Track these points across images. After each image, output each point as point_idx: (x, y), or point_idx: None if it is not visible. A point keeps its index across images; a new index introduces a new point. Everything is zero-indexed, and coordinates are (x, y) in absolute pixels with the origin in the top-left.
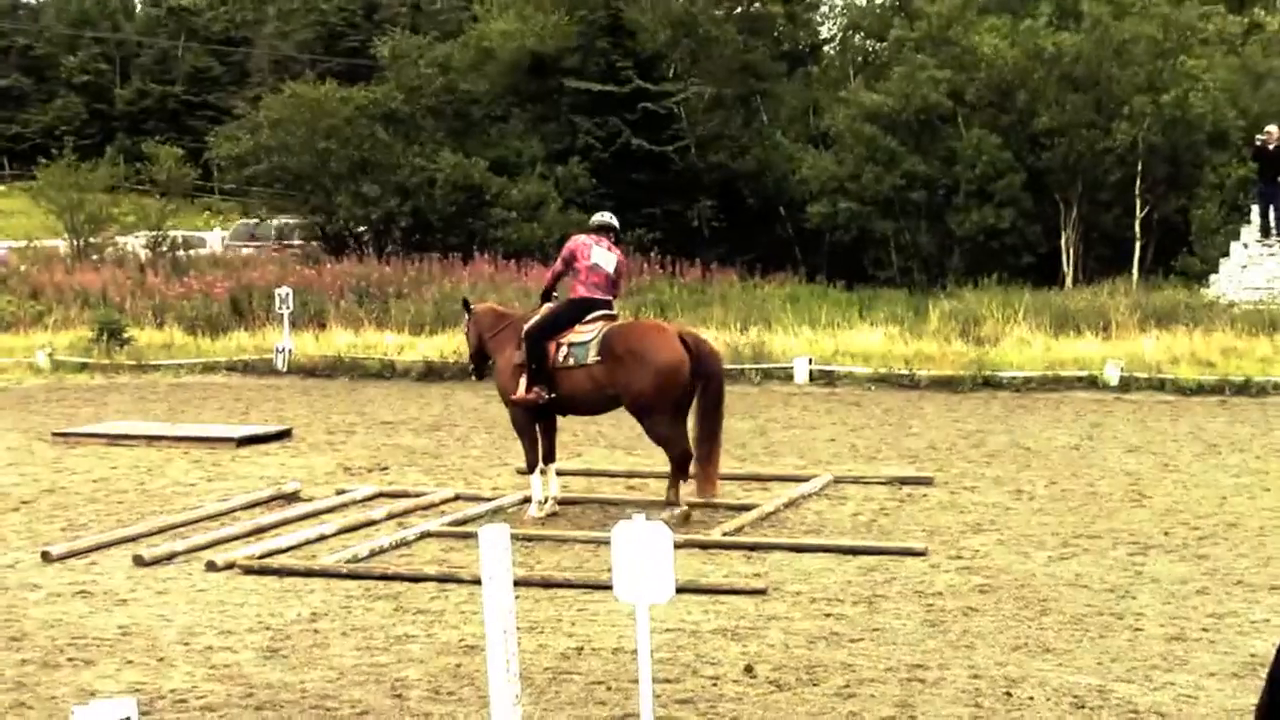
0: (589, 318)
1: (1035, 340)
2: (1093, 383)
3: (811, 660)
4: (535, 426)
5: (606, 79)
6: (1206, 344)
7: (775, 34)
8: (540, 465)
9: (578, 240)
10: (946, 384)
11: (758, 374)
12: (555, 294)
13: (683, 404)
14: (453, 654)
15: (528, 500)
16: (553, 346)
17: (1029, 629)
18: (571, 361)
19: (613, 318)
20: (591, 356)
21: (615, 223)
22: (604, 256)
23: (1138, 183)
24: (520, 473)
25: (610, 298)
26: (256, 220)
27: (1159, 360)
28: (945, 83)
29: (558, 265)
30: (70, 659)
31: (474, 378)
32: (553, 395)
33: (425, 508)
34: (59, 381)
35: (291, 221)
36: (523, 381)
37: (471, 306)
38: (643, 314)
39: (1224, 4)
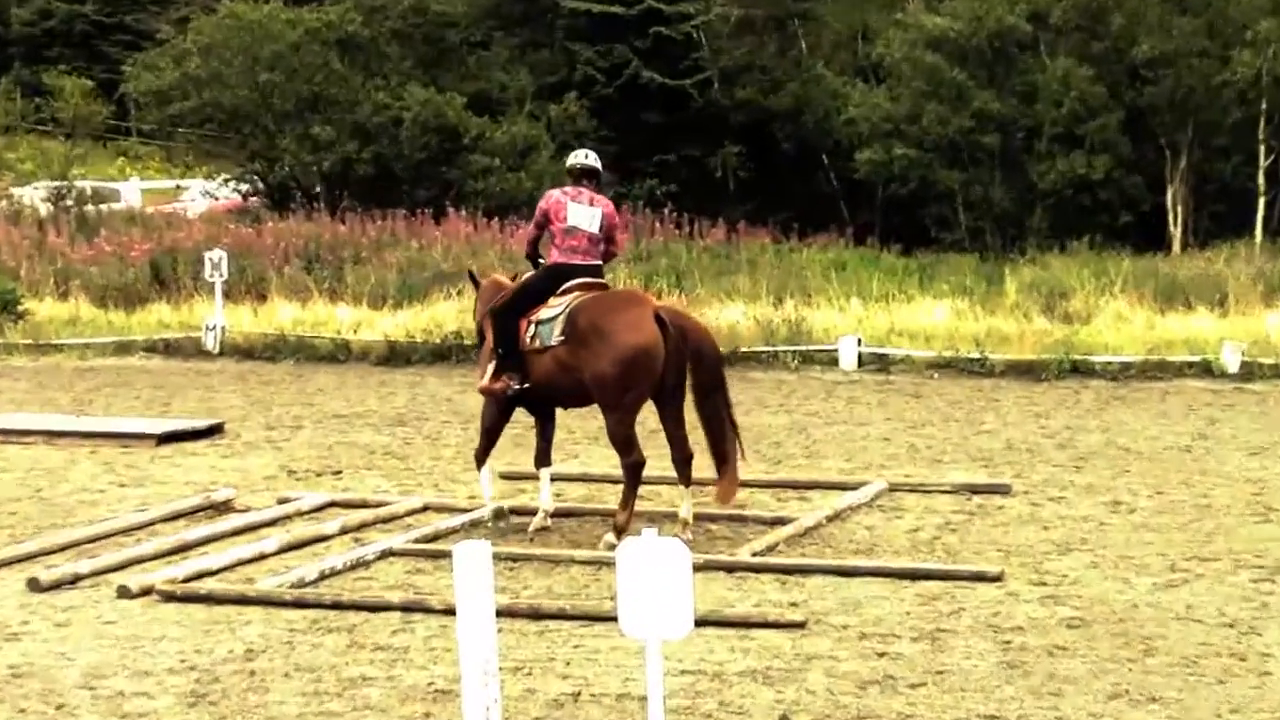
0: (564, 288)
1: (1136, 317)
2: (1207, 369)
3: (861, 710)
4: (503, 423)
5: None
6: None
7: None
8: (534, 468)
9: (551, 197)
10: (1027, 370)
11: (795, 358)
12: (541, 259)
13: (662, 398)
14: (420, 701)
15: (518, 512)
16: (524, 325)
17: (1130, 672)
18: (538, 343)
19: (599, 286)
20: (556, 336)
21: (597, 164)
22: (583, 214)
23: (1261, 124)
24: (503, 477)
25: (596, 262)
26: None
27: None
28: (1024, 2)
29: (531, 229)
30: None
31: None
32: (525, 384)
33: (387, 520)
34: None
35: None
36: (490, 368)
37: (478, 279)
38: (656, 285)
39: None
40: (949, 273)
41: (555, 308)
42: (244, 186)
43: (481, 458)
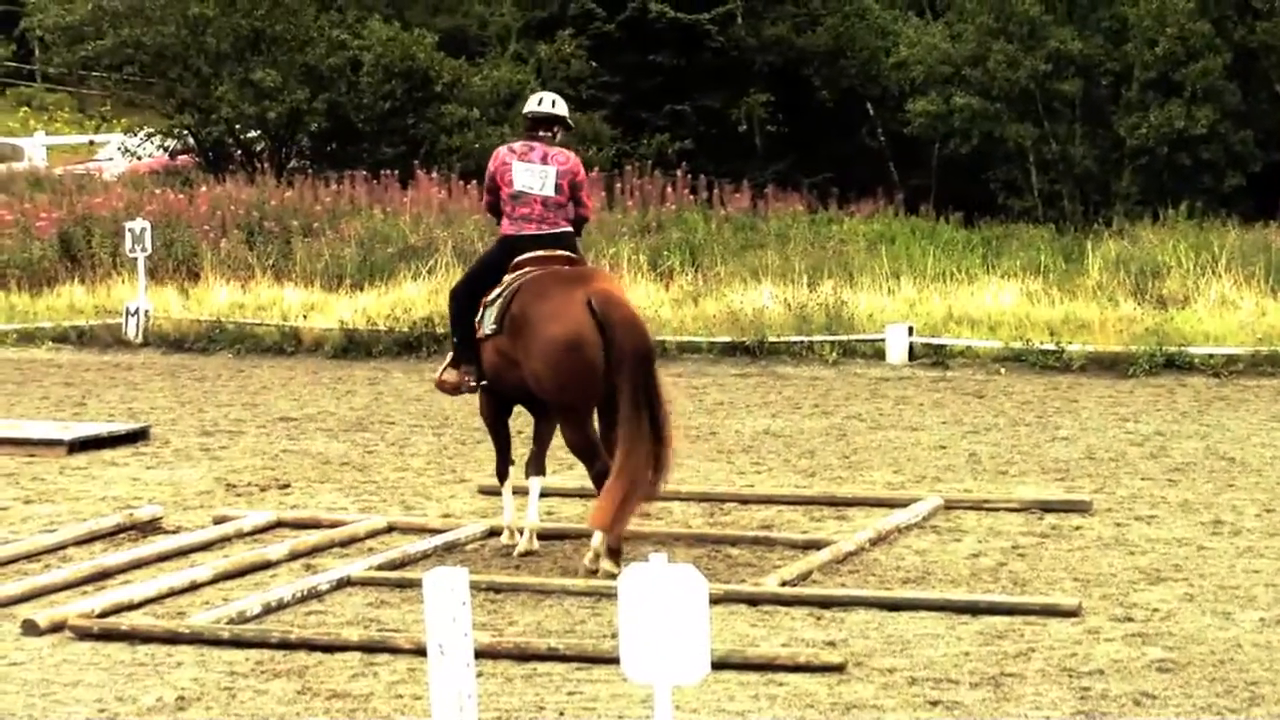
0: (515, 262)
1: (1244, 301)
2: None
3: None
4: (504, 421)
5: None
6: None
7: None
8: (510, 477)
9: (498, 156)
10: (1111, 365)
11: (834, 350)
12: None
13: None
14: None
15: (496, 533)
16: (480, 308)
17: None
18: (481, 330)
19: (561, 259)
20: (490, 323)
21: (560, 110)
22: (531, 175)
23: None
24: (484, 491)
25: (555, 230)
26: None
27: None
28: None
29: (485, 195)
30: None
31: None
32: (483, 379)
33: (344, 543)
34: None
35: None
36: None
37: None
38: (667, 262)
39: None
40: (1019, 248)
41: (500, 288)
42: (172, 143)
43: (500, 472)
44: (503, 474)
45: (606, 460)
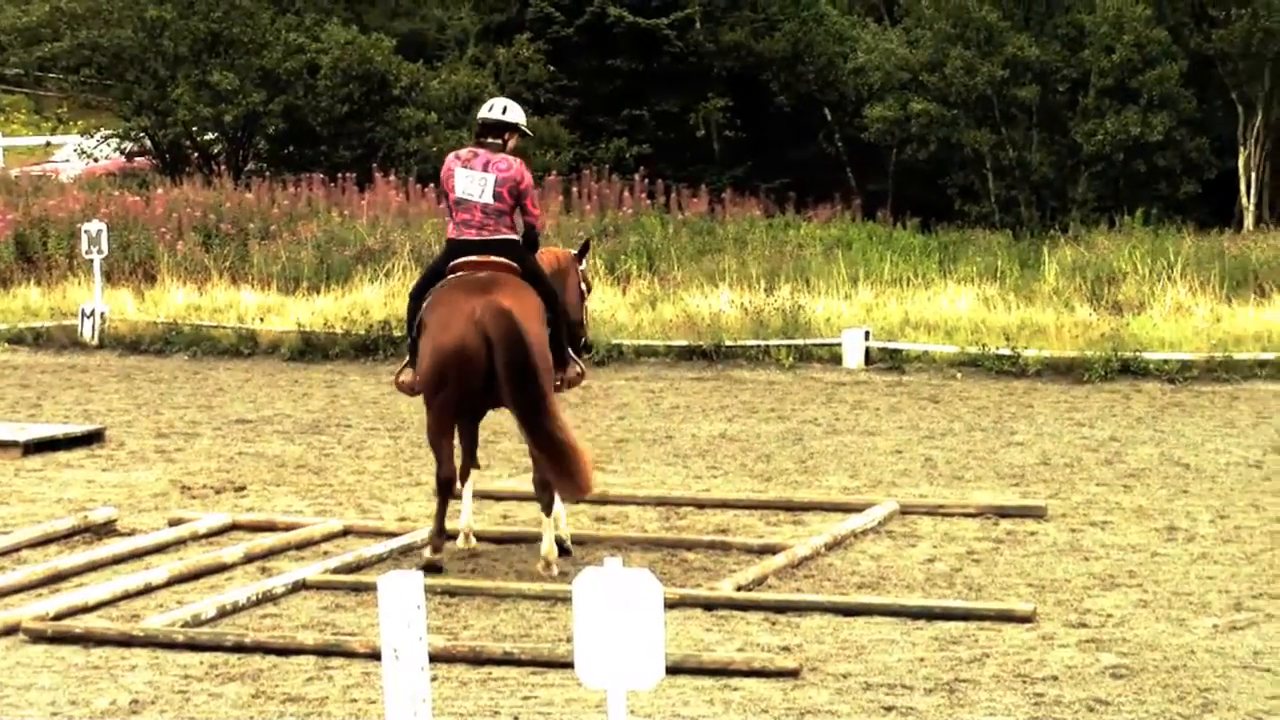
0: (450, 266)
1: (1199, 307)
2: None
3: None
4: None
5: None
6: None
7: None
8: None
9: (446, 161)
10: (1067, 370)
11: (790, 354)
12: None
13: (478, 410)
14: None
15: (452, 537)
16: None
17: None
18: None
19: (496, 265)
20: (413, 328)
21: (511, 117)
22: (472, 181)
23: None
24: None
25: (493, 236)
26: None
27: None
28: None
29: (441, 199)
30: None
31: None
32: None
33: (300, 546)
34: None
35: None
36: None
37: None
38: (624, 266)
39: None
40: (975, 253)
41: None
42: (129, 145)
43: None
44: (450, 481)
45: (448, 470)
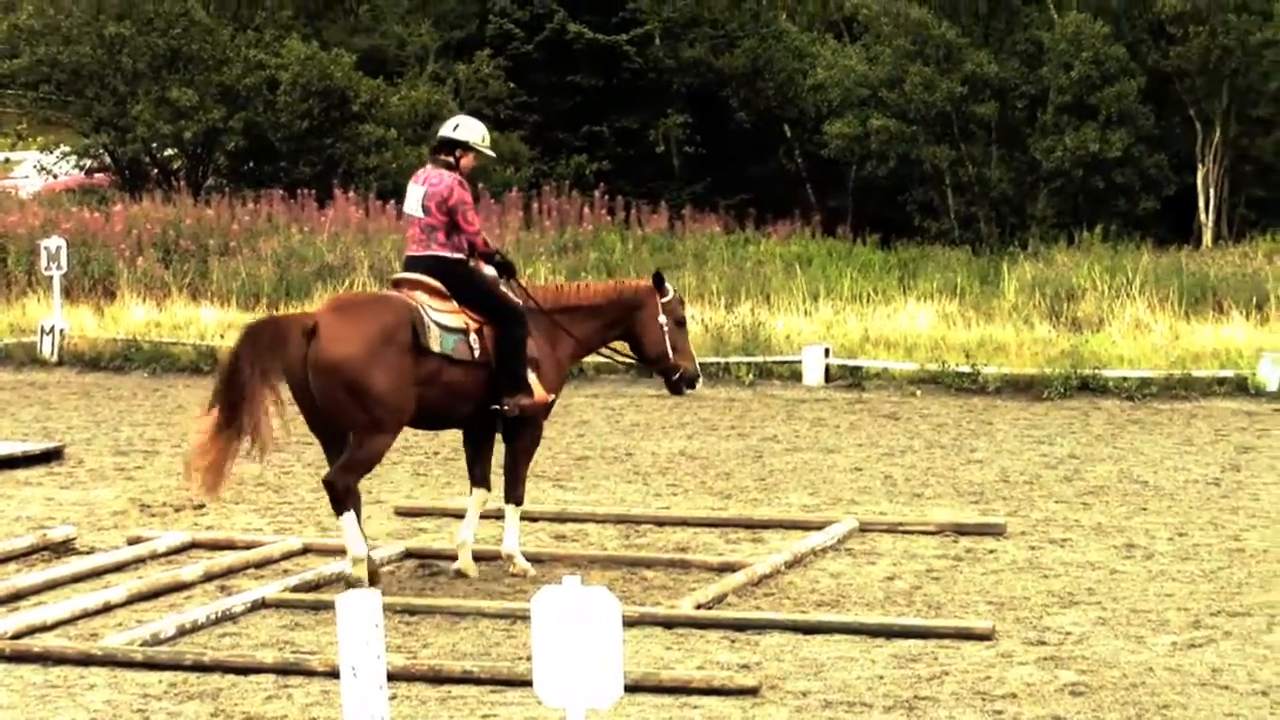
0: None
1: (1157, 324)
2: (1241, 387)
3: None
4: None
5: None
6: None
7: None
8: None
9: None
10: (1026, 387)
11: (750, 371)
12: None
13: (325, 427)
14: None
15: (412, 555)
16: None
17: None
18: None
19: (418, 284)
20: None
21: (459, 135)
22: (413, 197)
23: None
24: (400, 513)
25: (426, 252)
26: None
27: None
28: None
29: None
30: None
31: None
32: None
33: (259, 565)
34: None
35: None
36: None
37: None
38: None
39: None
40: (935, 270)
41: None
42: (88, 161)
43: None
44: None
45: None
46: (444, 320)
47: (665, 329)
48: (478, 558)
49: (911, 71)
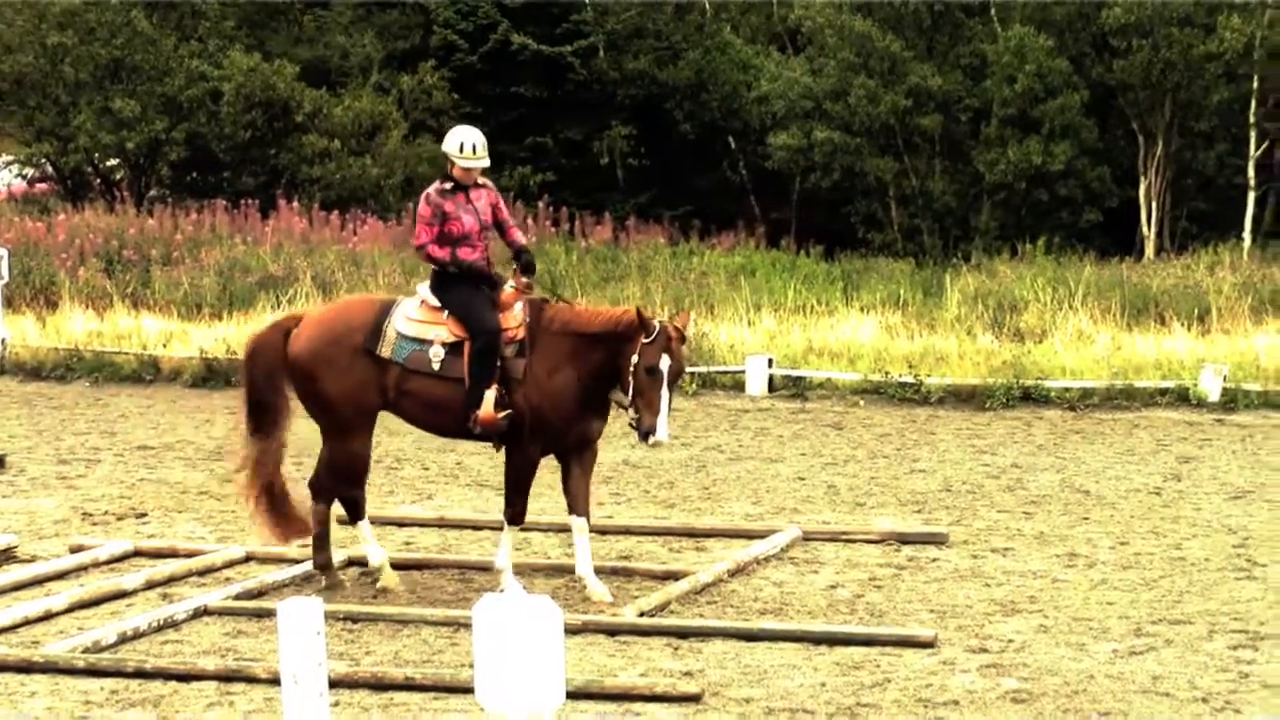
0: None
1: (1100, 335)
2: (1182, 398)
3: None
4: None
5: None
6: None
7: None
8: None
9: None
10: (969, 398)
11: (694, 381)
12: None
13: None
14: None
15: (358, 563)
16: None
17: None
18: None
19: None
20: None
21: (444, 146)
22: None
23: (1253, 106)
24: (342, 522)
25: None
26: None
27: None
28: None
29: None
30: None
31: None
32: None
33: (202, 573)
34: None
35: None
36: None
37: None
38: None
39: None
40: (879, 281)
41: None
42: (30, 171)
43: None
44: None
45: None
46: (408, 330)
47: (633, 371)
48: (420, 566)
49: (856, 84)
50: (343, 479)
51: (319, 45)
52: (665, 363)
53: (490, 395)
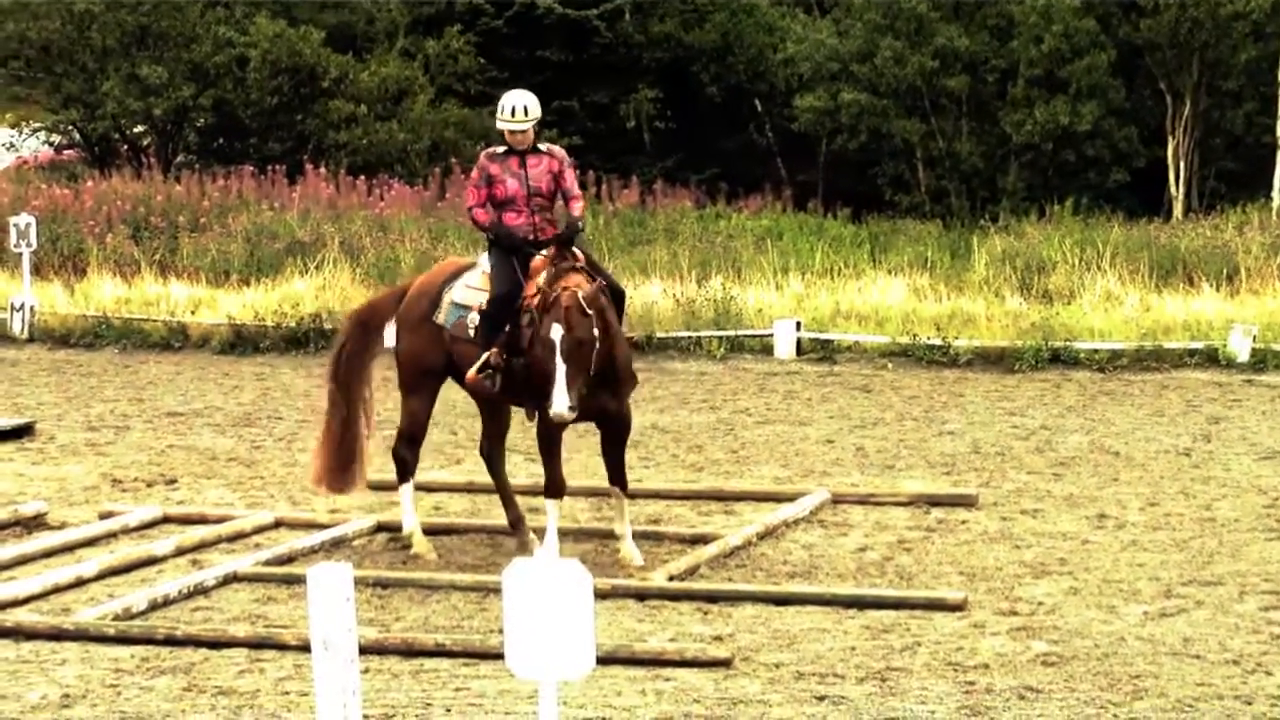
0: None
1: (1128, 296)
2: (1211, 358)
3: None
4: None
5: None
6: None
7: None
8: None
9: None
10: (998, 360)
11: (722, 345)
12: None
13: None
14: None
15: (384, 529)
16: None
17: (1116, 718)
18: None
19: None
20: None
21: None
22: None
23: None
24: (372, 487)
25: None
26: None
27: None
28: None
29: None
30: None
31: None
32: None
33: (231, 539)
34: None
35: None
36: None
37: None
38: None
39: None
40: (906, 244)
41: None
42: (57, 138)
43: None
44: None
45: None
46: (460, 297)
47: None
48: (449, 530)
49: (882, 45)
50: (400, 436)
51: (345, 10)
52: (557, 332)
53: (484, 358)
